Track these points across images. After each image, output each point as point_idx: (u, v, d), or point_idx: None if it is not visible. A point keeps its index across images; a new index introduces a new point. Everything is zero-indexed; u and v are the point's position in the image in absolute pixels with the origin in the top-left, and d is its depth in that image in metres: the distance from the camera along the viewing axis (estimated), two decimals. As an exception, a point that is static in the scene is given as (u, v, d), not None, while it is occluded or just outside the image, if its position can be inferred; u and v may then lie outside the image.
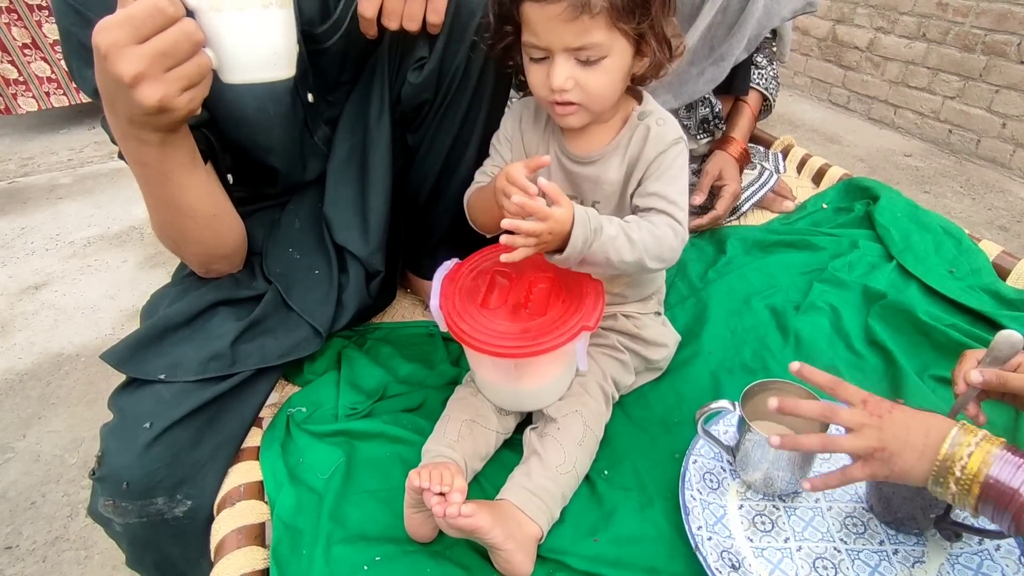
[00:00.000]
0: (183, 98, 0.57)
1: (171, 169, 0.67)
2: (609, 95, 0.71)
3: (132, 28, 0.52)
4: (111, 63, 0.53)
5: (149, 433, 0.69)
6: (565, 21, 0.63)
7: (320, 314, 0.87)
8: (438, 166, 0.93)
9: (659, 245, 0.70)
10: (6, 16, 2.48)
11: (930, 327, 0.94)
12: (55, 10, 0.71)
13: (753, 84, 1.28)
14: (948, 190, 2.31)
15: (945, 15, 2.45)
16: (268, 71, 0.62)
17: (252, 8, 0.57)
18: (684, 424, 0.84)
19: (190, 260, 0.83)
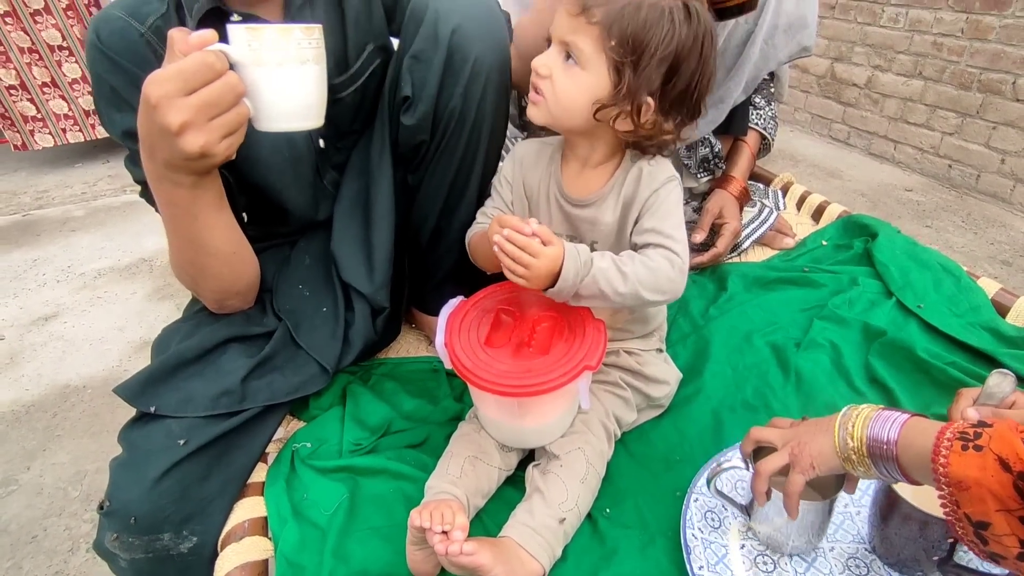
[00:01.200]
0: (222, 145, 0.61)
1: (200, 209, 0.71)
2: (570, 106, 0.73)
3: (182, 81, 0.57)
4: (160, 113, 0.57)
5: (160, 467, 0.70)
6: (570, 14, 0.70)
7: (327, 351, 0.89)
8: (438, 206, 0.95)
9: (655, 276, 0.72)
10: (27, 56, 2.57)
11: (930, 365, 0.95)
12: (89, 57, 0.76)
13: (752, 124, 1.31)
14: (950, 224, 2.33)
15: (940, 54, 2.51)
16: (300, 121, 0.66)
17: (291, 64, 0.62)
18: (686, 462, 0.84)
19: (206, 296, 0.85)
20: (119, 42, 0.74)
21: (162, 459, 0.72)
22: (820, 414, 0.89)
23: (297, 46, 0.61)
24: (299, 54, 0.62)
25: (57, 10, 2.55)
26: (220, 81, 0.58)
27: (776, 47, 1.19)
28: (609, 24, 0.68)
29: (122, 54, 0.74)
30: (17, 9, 2.49)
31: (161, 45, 0.75)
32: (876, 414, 0.59)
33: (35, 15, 2.52)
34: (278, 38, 0.60)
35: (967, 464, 0.47)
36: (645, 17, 0.68)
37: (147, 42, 0.75)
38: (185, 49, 0.58)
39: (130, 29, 0.74)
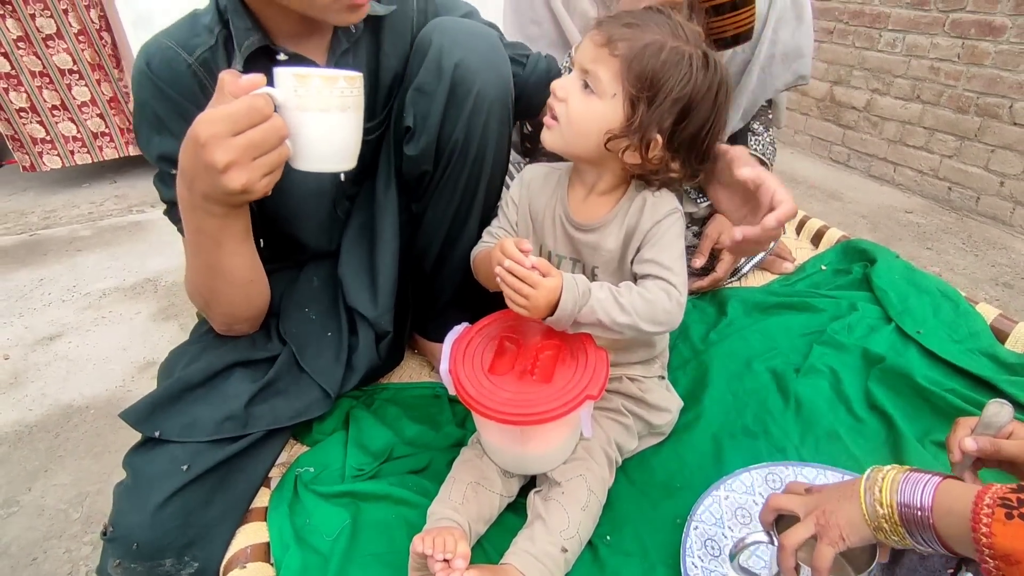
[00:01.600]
0: (262, 183, 0.64)
1: (226, 238, 0.73)
2: (582, 132, 0.75)
3: (231, 123, 0.60)
4: (208, 151, 0.60)
5: (163, 492, 0.71)
6: (595, 44, 0.73)
7: (330, 376, 0.90)
8: (442, 233, 0.97)
9: (651, 308, 0.74)
10: (38, 79, 2.62)
11: (929, 392, 0.95)
12: (136, 82, 0.79)
13: (750, 150, 1.33)
14: (950, 246, 2.34)
15: (938, 78, 2.54)
16: (336, 164, 0.69)
17: (333, 110, 0.65)
18: (686, 489, 0.84)
19: (215, 318, 0.87)
20: (168, 71, 0.77)
21: (165, 485, 0.72)
22: (820, 440, 0.91)
23: (340, 94, 0.64)
24: (341, 101, 0.65)
25: (69, 35, 2.60)
26: (266, 124, 0.62)
27: (773, 75, 1.21)
28: (630, 59, 0.71)
29: (169, 83, 0.77)
30: (30, 34, 2.54)
31: (207, 77, 0.79)
32: (904, 476, 0.55)
33: (47, 40, 2.57)
34: (323, 86, 0.63)
35: (1015, 535, 0.43)
36: (665, 59, 0.71)
37: (194, 73, 0.78)
38: (235, 91, 0.61)
39: (179, 60, 0.78)
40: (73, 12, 2.56)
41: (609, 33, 0.72)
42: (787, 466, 0.84)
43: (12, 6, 2.46)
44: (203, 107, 0.78)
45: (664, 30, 0.73)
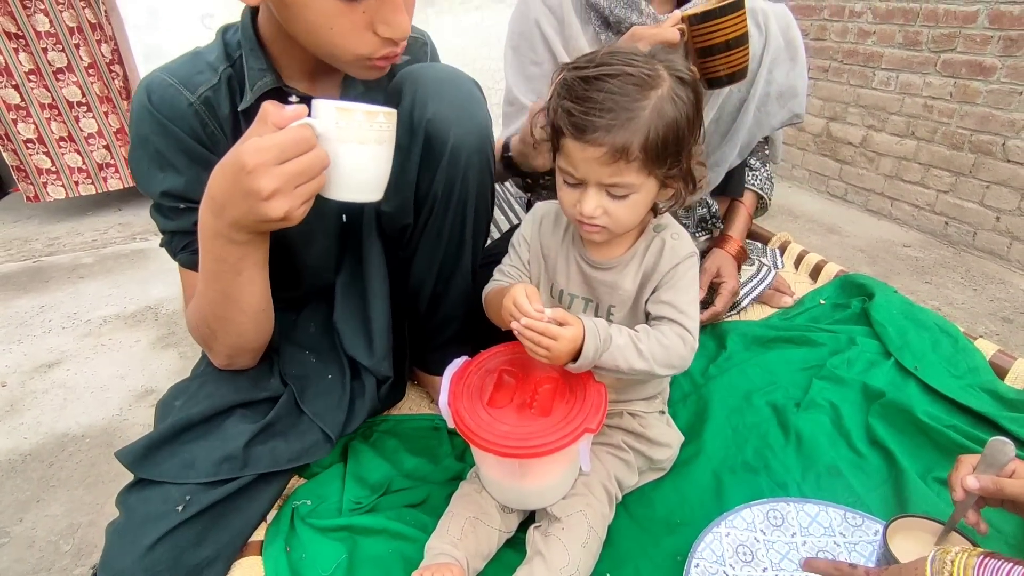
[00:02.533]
0: (300, 211, 0.65)
1: (246, 266, 0.73)
2: (633, 222, 0.77)
3: (279, 151, 0.61)
4: (254, 179, 0.61)
5: (155, 534, 0.70)
6: (603, 163, 0.69)
7: (331, 419, 0.89)
8: (432, 277, 0.96)
9: (667, 353, 0.75)
10: (47, 111, 2.67)
11: (930, 427, 0.95)
12: (137, 117, 0.78)
13: (748, 185, 1.35)
14: (949, 281, 2.35)
15: (931, 116, 2.59)
16: (367, 195, 0.70)
17: (370, 143, 0.66)
18: (687, 525, 0.83)
19: (219, 351, 0.85)
20: (169, 109, 0.77)
21: (158, 526, 0.71)
22: (822, 476, 0.90)
23: (379, 128, 0.66)
24: (378, 135, 0.66)
25: (79, 68, 2.65)
26: (311, 153, 0.63)
27: (769, 114, 1.23)
28: (647, 149, 0.68)
29: (172, 119, 0.77)
30: (41, 67, 2.59)
31: (209, 115, 0.79)
32: (979, 561, 0.50)
33: (58, 73, 2.63)
34: (364, 120, 0.65)
35: None
36: (669, 113, 0.69)
37: (195, 112, 0.78)
38: (278, 121, 0.62)
39: (180, 98, 0.78)
40: (84, 46, 2.62)
41: (611, 144, 0.67)
42: (789, 502, 0.83)
43: (26, 40, 2.52)
44: (205, 144, 0.79)
45: (636, 92, 0.68)
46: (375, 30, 0.71)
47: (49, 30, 2.54)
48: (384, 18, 0.71)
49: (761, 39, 1.16)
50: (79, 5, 2.55)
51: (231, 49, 0.81)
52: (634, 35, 1.00)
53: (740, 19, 0.97)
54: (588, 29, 1.18)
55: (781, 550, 0.78)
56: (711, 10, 0.97)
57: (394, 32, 0.72)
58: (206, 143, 0.80)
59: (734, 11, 0.96)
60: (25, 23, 2.49)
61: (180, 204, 0.80)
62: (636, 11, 1.12)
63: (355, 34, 0.71)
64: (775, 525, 0.81)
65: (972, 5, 2.34)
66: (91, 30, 2.61)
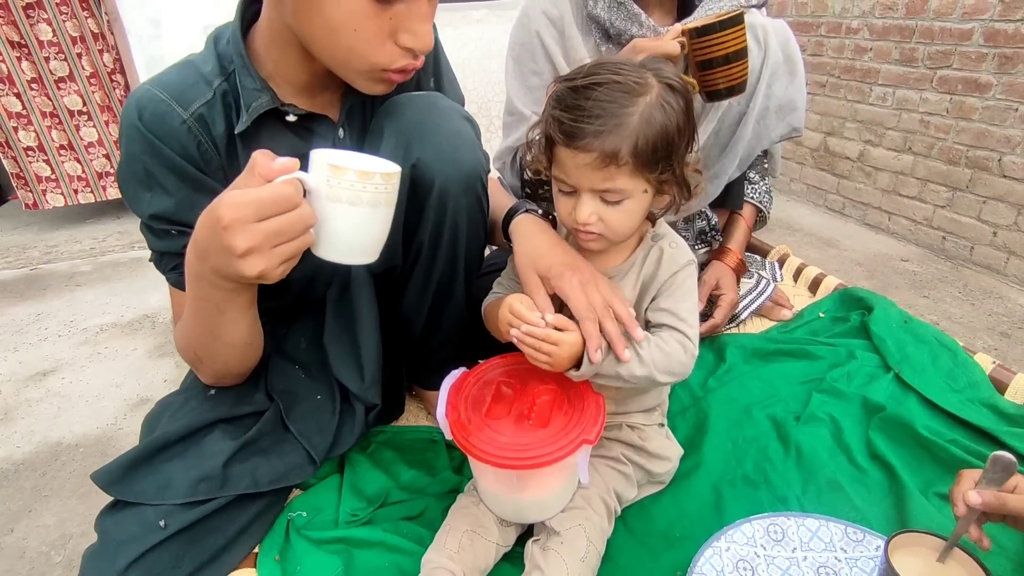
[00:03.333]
0: (279, 270, 0.61)
1: (229, 307, 0.70)
2: (629, 229, 0.77)
3: (258, 208, 0.57)
4: (229, 235, 0.57)
5: (128, 557, 0.67)
6: (594, 169, 0.69)
7: (317, 442, 0.86)
8: (425, 309, 0.93)
9: (668, 360, 0.75)
10: (48, 120, 2.68)
11: (931, 442, 0.94)
12: (126, 135, 0.74)
13: (747, 198, 1.36)
14: (947, 295, 2.35)
15: (928, 131, 2.61)
16: (357, 258, 0.66)
17: (363, 205, 0.62)
18: (686, 539, 0.82)
19: (205, 373, 0.83)
20: (160, 126, 0.73)
21: (131, 549, 0.68)
22: (822, 490, 0.90)
23: (374, 190, 0.62)
24: (373, 197, 0.62)
25: (81, 78, 2.67)
26: (293, 213, 0.59)
27: (768, 127, 1.24)
28: (637, 154, 0.69)
29: (162, 138, 0.73)
30: (43, 76, 2.61)
31: (203, 133, 0.75)
32: None
33: (59, 82, 2.64)
34: (357, 180, 0.60)
35: None
36: (658, 120, 0.69)
37: (188, 129, 0.74)
38: (266, 174, 0.59)
39: (172, 115, 0.73)
40: (87, 56, 2.64)
41: (601, 149, 0.68)
42: (789, 517, 0.82)
43: (28, 49, 2.54)
44: (197, 164, 0.76)
45: (626, 100, 0.69)
46: (397, 39, 0.69)
47: (52, 39, 2.56)
48: (410, 27, 0.69)
49: (760, 54, 1.17)
50: (82, 15, 2.57)
51: (225, 61, 0.76)
52: (635, 47, 1.01)
53: (740, 33, 0.98)
54: (589, 41, 1.19)
55: (782, 565, 0.77)
56: (711, 24, 0.98)
57: (417, 43, 0.70)
58: (198, 163, 0.76)
59: (734, 25, 0.97)
60: (28, 32, 2.51)
61: (169, 228, 0.76)
62: (636, 23, 1.13)
63: (377, 40, 0.69)
64: (775, 540, 0.80)
65: (967, 23, 2.37)
66: (93, 40, 2.63)
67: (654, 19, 1.14)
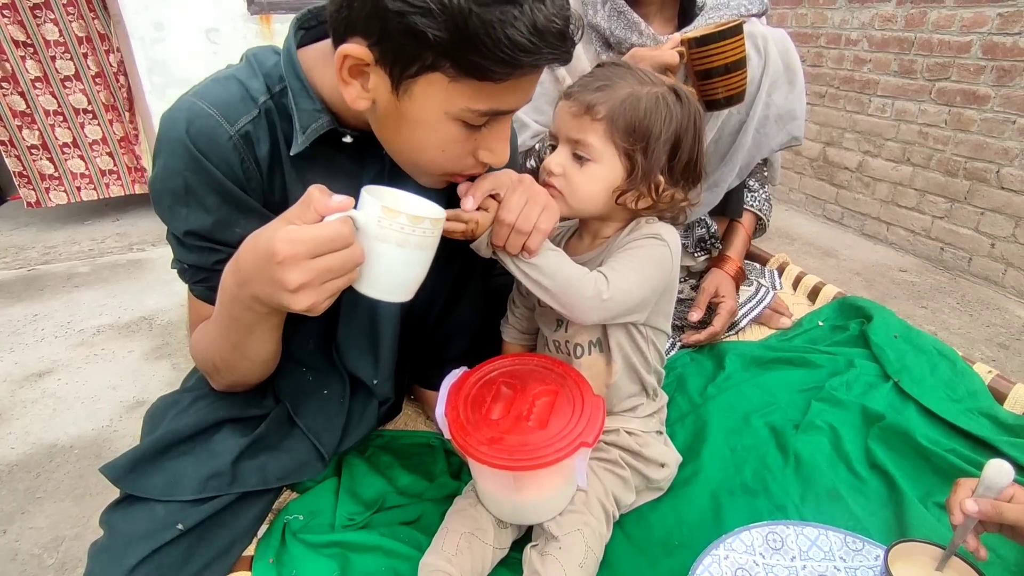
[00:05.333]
0: (325, 304, 0.62)
1: (259, 328, 0.70)
2: (588, 198, 0.80)
3: (314, 246, 0.58)
4: (283, 270, 0.57)
5: (138, 554, 0.67)
6: (573, 115, 0.77)
7: (326, 437, 0.87)
8: (440, 301, 0.94)
9: (567, 278, 0.75)
10: (52, 118, 2.69)
11: (930, 451, 0.94)
12: (169, 148, 0.71)
13: (747, 206, 1.36)
14: (945, 306, 2.36)
15: (927, 143, 2.62)
16: (395, 295, 0.67)
17: (410, 247, 0.63)
18: (684, 546, 0.82)
19: (219, 383, 0.83)
20: (207, 142, 0.70)
21: (141, 546, 0.68)
22: (821, 499, 0.89)
23: (422, 234, 0.63)
24: (421, 240, 0.63)
25: (86, 77, 2.68)
26: (347, 251, 0.60)
27: (768, 136, 1.24)
28: (613, 117, 0.74)
29: (208, 154, 0.71)
30: (49, 75, 2.62)
31: (246, 151, 0.73)
32: None
33: (65, 80, 2.65)
34: (407, 223, 0.62)
35: None
36: (644, 107, 0.75)
37: (234, 146, 0.72)
38: (322, 210, 0.59)
39: (220, 131, 0.71)
40: (92, 55, 2.65)
41: (584, 100, 0.76)
42: (788, 525, 0.82)
43: (34, 48, 2.55)
44: (240, 183, 0.74)
45: (632, 80, 0.77)
46: (476, 155, 0.71)
47: (58, 39, 2.58)
48: (490, 146, 0.70)
49: (760, 63, 1.18)
50: (89, 16, 2.59)
51: (271, 81, 0.74)
52: (634, 56, 1.01)
53: (739, 43, 0.99)
54: (590, 49, 1.19)
55: (780, 574, 0.77)
56: (711, 34, 0.98)
57: (495, 160, 0.71)
58: (241, 182, 0.74)
59: (733, 35, 0.98)
60: (35, 31, 2.53)
61: (203, 244, 0.75)
62: (636, 32, 1.13)
63: (460, 158, 0.70)
64: (774, 548, 0.80)
65: (966, 36, 2.38)
66: (100, 40, 2.65)
67: (654, 28, 1.15)
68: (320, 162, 0.77)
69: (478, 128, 0.68)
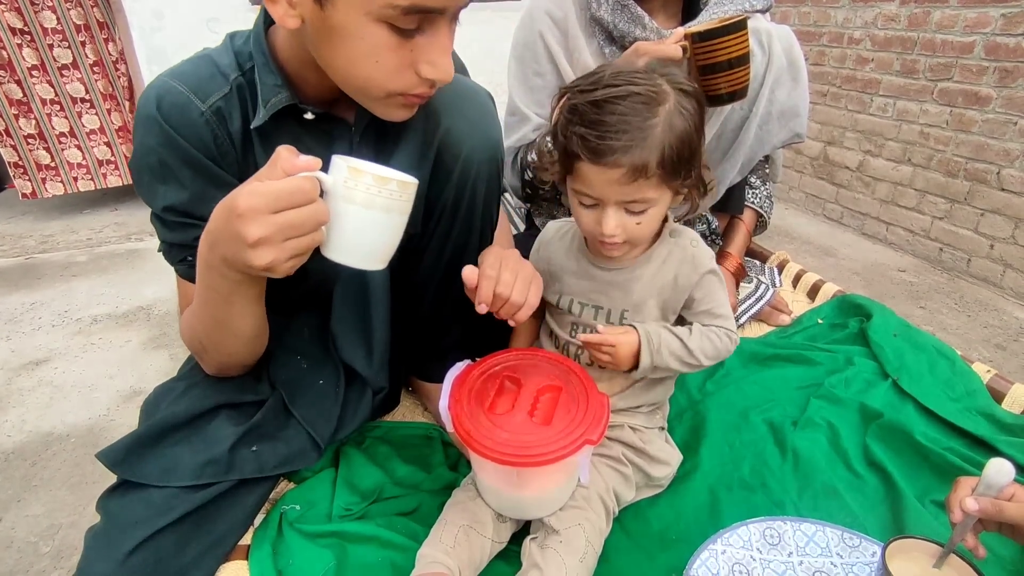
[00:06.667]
0: (287, 264, 0.62)
1: (237, 299, 0.71)
2: (652, 233, 0.79)
3: (274, 199, 0.58)
4: (242, 223, 0.58)
5: (135, 539, 0.68)
6: (622, 184, 0.70)
7: (321, 426, 0.87)
8: (436, 283, 0.94)
9: (715, 348, 0.82)
10: (49, 107, 2.66)
11: (928, 450, 0.94)
12: (143, 126, 0.73)
13: (748, 203, 1.36)
14: (943, 306, 2.36)
15: (927, 143, 2.62)
16: (364, 262, 0.67)
17: (376, 210, 0.63)
18: (682, 541, 0.82)
19: (209, 363, 0.83)
20: (179, 117, 0.73)
21: (138, 531, 0.69)
22: (819, 495, 0.89)
23: (388, 196, 0.63)
24: (387, 203, 0.63)
25: (84, 66, 2.66)
26: (308, 207, 0.60)
27: (770, 132, 1.24)
28: (665, 163, 0.69)
29: (180, 130, 0.73)
30: (46, 63, 2.59)
31: (219, 126, 0.75)
32: None
33: (62, 69, 2.63)
34: (373, 184, 0.62)
35: None
36: (679, 127, 0.70)
37: (206, 121, 0.74)
38: (288, 168, 0.60)
39: (191, 106, 0.73)
40: (91, 44, 2.63)
41: (626, 163, 0.68)
42: (786, 521, 0.82)
43: (31, 36, 2.52)
44: (214, 157, 0.76)
45: (641, 103, 0.69)
46: (418, 70, 0.69)
47: (56, 27, 2.55)
48: (430, 58, 0.69)
49: (764, 59, 1.18)
50: (87, 3, 2.56)
51: (242, 58, 0.77)
52: (637, 50, 1.01)
53: (742, 39, 0.99)
54: (592, 43, 1.19)
55: (777, 569, 0.77)
56: (714, 29, 0.98)
57: (437, 74, 0.70)
58: (215, 156, 0.76)
59: (736, 31, 0.98)
60: (32, 19, 2.50)
61: (182, 220, 0.76)
62: (640, 26, 1.13)
63: (397, 71, 0.68)
64: (772, 544, 0.80)
65: (969, 36, 2.38)
66: (99, 28, 2.62)
67: (658, 22, 1.14)
68: (286, 140, 0.76)
69: (411, 36, 0.66)
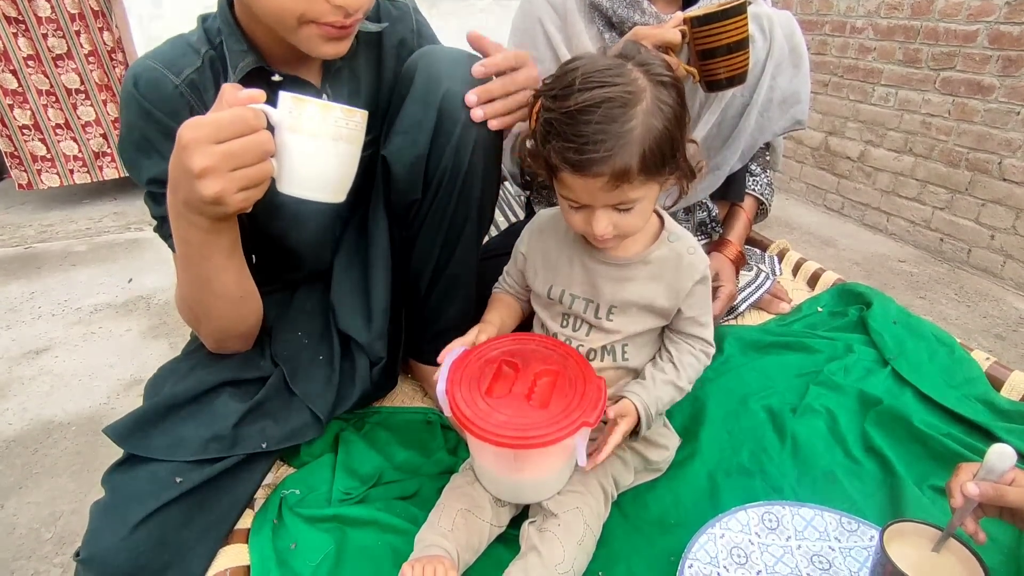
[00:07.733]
0: (238, 196, 0.63)
1: (212, 252, 0.72)
2: (643, 224, 0.78)
3: (214, 129, 0.60)
4: (187, 154, 0.60)
5: (141, 512, 0.69)
6: (606, 190, 0.68)
7: (321, 401, 0.88)
8: (433, 259, 0.94)
9: (698, 371, 0.85)
10: (44, 98, 2.65)
11: (927, 436, 0.94)
12: (124, 104, 0.78)
13: (748, 190, 1.35)
14: (943, 296, 2.36)
15: (929, 133, 2.61)
16: (319, 193, 0.68)
17: (324, 138, 0.65)
18: (681, 526, 0.82)
19: (206, 336, 0.85)
20: (154, 93, 0.76)
21: (145, 504, 0.70)
22: (817, 481, 0.90)
23: (335, 123, 0.65)
24: (334, 131, 0.65)
25: (79, 56, 2.64)
26: (251, 137, 0.61)
27: (771, 119, 1.24)
28: (647, 164, 0.68)
29: (157, 104, 0.77)
30: (41, 53, 2.57)
31: (195, 98, 0.79)
32: None
33: (57, 59, 2.61)
34: (317, 111, 0.64)
35: None
36: (657, 125, 0.68)
37: (181, 94, 0.78)
38: (232, 102, 0.62)
39: (165, 81, 0.77)
40: (86, 34, 2.61)
41: (609, 170, 0.66)
42: (784, 505, 0.82)
43: (25, 25, 2.50)
44: None
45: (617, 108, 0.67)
46: None
47: (50, 16, 2.53)
48: None
49: (765, 45, 1.17)
50: (83, -8, 2.55)
51: (211, 35, 0.81)
52: (636, 35, 1.00)
53: (742, 23, 0.98)
54: (592, 28, 1.18)
55: (776, 553, 0.77)
56: (713, 13, 0.97)
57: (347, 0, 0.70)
58: None
59: (736, 15, 0.96)
60: (26, 8, 2.48)
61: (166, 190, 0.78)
62: (639, 11, 1.12)
63: None
64: (770, 528, 0.80)
65: (972, 25, 2.36)
66: (94, 17, 2.60)
67: (657, 7, 1.13)
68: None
69: None
